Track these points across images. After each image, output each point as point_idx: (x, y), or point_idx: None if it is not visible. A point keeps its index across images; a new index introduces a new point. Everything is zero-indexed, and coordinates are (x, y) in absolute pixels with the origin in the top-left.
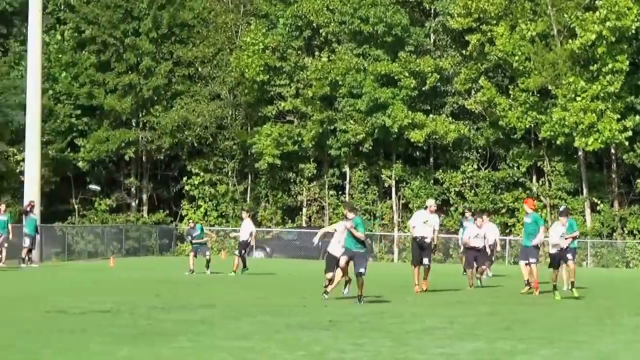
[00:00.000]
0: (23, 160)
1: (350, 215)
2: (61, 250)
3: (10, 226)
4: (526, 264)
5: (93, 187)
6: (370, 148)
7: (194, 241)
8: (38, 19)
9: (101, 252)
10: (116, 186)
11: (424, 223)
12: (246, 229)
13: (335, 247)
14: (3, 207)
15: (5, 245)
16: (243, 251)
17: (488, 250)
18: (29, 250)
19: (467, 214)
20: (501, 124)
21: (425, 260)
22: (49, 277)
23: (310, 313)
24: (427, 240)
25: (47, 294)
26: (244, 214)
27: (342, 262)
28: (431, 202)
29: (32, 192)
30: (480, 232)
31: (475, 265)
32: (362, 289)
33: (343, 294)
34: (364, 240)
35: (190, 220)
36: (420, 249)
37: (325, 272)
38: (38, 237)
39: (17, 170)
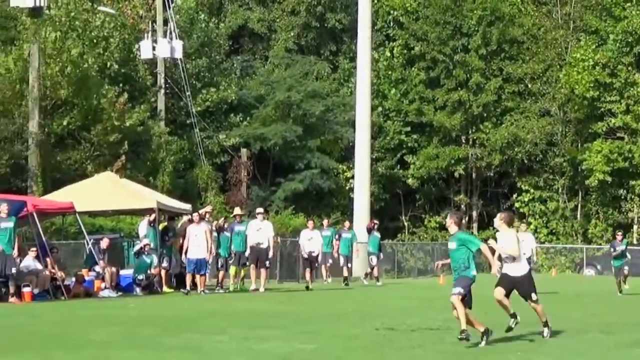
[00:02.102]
0: (353, 177)
1: (453, 229)
2: (391, 267)
3: (357, 245)
4: None
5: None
6: None
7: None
8: (367, 36)
9: (431, 269)
10: (446, 203)
11: None
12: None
13: None
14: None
15: (349, 265)
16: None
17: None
18: (372, 268)
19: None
20: None
21: None
22: (379, 294)
23: None
24: None
25: (377, 310)
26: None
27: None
28: None
29: (361, 209)
30: None
31: None
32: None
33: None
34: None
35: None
36: None
37: None
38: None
39: (347, 187)
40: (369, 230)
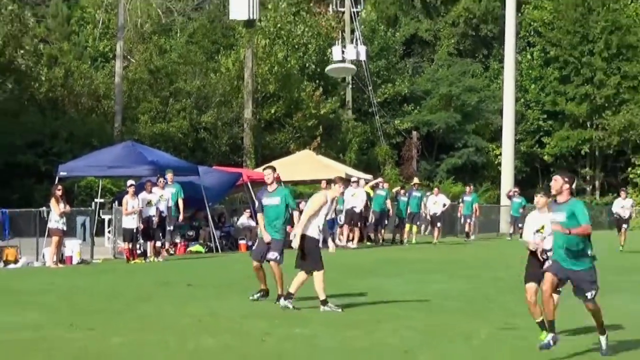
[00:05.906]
0: (500, 154)
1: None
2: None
3: (476, 206)
4: None
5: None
6: None
7: None
8: (513, 43)
9: None
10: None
11: None
12: None
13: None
14: (468, 189)
15: (470, 221)
16: None
17: None
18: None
19: None
20: None
21: None
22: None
23: None
24: None
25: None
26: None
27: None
28: None
29: (507, 179)
30: None
31: None
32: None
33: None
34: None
35: None
36: None
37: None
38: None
39: (496, 162)
40: (509, 197)
